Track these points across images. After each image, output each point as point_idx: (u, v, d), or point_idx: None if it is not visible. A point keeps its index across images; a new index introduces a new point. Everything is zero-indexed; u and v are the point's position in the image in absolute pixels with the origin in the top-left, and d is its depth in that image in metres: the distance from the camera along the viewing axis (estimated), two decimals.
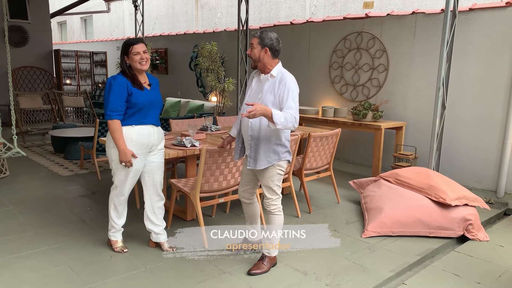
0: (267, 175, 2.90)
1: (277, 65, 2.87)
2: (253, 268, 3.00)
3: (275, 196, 2.95)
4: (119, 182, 3.11)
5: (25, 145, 7.35)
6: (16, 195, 4.57)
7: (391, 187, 4.12)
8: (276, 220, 2.98)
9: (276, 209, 2.97)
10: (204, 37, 8.81)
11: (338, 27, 6.39)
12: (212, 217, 4.07)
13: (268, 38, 2.79)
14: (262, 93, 2.84)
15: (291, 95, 2.74)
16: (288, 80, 2.79)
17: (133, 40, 3.00)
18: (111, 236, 3.29)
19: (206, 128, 4.60)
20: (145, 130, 3.03)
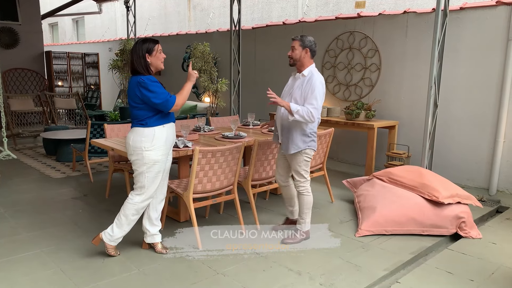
0: (295, 161, 3.34)
1: (310, 66, 3.31)
2: (287, 238, 3.48)
3: (303, 179, 3.38)
4: (150, 185, 3.03)
5: (16, 147, 7.27)
6: (7, 198, 4.52)
7: (384, 186, 4.13)
8: (305, 199, 3.42)
9: (305, 190, 3.40)
10: (196, 38, 8.79)
11: (331, 27, 6.40)
12: (206, 218, 4.05)
13: (308, 41, 3.28)
14: (293, 88, 3.34)
15: (314, 94, 3.15)
16: (314, 80, 3.20)
17: (154, 40, 3.01)
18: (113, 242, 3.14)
19: (199, 129, 4.58)
20: (171, 129, 3.10)
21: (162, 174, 3.11)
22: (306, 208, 3.45)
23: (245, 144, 3.63)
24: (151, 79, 2.91)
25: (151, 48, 2.95)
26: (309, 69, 3.29)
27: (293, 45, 3.30)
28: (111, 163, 4.46)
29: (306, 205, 3.44)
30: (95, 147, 5.29)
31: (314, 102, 3.14)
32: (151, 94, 2.86)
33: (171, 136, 3.09)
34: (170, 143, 3.11)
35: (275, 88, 6.48)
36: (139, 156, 2.98)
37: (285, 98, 3.39)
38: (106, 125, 4.56)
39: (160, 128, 2.98)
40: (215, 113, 7.06)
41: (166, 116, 3.03)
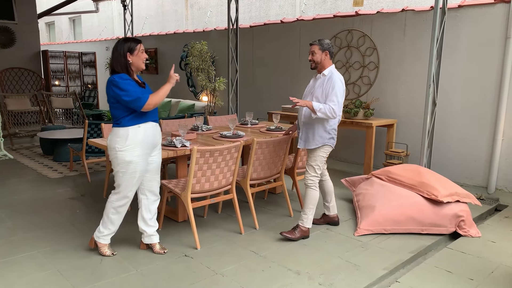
0: (312, 155, 3.51)
1: (330, 66, 3.49)
2: (287, 232, 3.54)
3: (313, 173, 3.52)
4: (125, 186, 3.02)
5: (13, 147, 7.23)
6: (4, 199, 4.49)
7: (383, 184, 4.12)
8: (310, 194, 3.52)
9: (312, 184, 3.52)
10: (194, 37, 8.75)
11: (328, 25, 6.38)
12: (204, 218, 4.03)
13: (326, 43, 3.46)
14: (314, 88, 3.52)
15: (334, 91, 3.33)
16: (334, 78, 3.38)
17: (137, 39, 2.97)
18: (102, 239, 3.18)
19: (197, 128, 4.56)
20: (150, 129, 3.01)
21: (139, 175, 3.03)
22: (310, 203, 3.53)
23: (243, 143, 3.61)
24: (122, 77, 2.86)
25: (133, 47, 2.91)
26: (329, 69, 3.47)
27: (313, 49, 3.47)
28: (108, 162, 4.43)
29: (311, 200, 3.52)
30: (92, 146, 5.26)
31: (335, 98, 3.32)
32: (122, 92, 2.82)
33: (150, 136, 3.01)
34: (150, 143, 3.02)
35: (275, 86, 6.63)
36: (113, 156, 2.97)
37: (307, 97, 3.57)
38: (104, 124, 4.53)
39: (134, 128, 2.92)
40: (213, 112, 7.04)
41: (142, 115, 2.95)
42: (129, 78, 2.90)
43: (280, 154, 3.96)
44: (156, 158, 3.16)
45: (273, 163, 3.93)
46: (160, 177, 4.78)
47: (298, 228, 3.53)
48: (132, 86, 2.86)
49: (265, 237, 3.60)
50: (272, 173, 3.98)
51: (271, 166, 3.92)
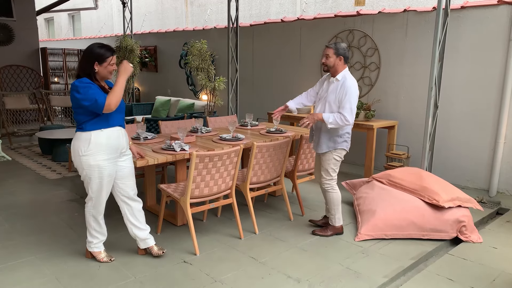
0: (325, 158, 3.57)
1: (344, 70, 3.47)
2: (319, 230, 3.74)
3: (329, 177, 3.60)
4: (95, 191, 3.00)
5: (11, 146, 7.21)
6: (2, 201, 4.46)
7: (384, 188, 4.08)
8: (331, 196, 3.63)
9: (330, 187, 3.62)
10: (193, 35, 8.69)
11: (329, 25, 6.32)
12: (203, 222, 4.00)
13: (341, 48, 3.43)
14: (327, 93, 3.51)
15: (348, 97, 3.36)
16: (348, 84, 3.39)
17: (111, 49, 2.88)
18: (94, 248, 3.18)
19: (196, 130, 4.52)
20: (114, 133, 2.94)
21: (107, 180, 2.97)
22: (334, 204, 3.64)
23: (242, 147, 3.57)
24: (82, 81, 2.79)
25: (103, 57, 2.83)
26: (343, 73, 3.46)
27: (327, 53, 3.45)
28: None
29: (333, 202, 3.63)
30: None
31: (348, 105, 3.35)
32: (80, 96, 2.76)
33: (114, 141, 2.93)
34: (114, 147, 2.94)
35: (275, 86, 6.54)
36: (77, 162, 2.93)
37: (320, 101, 3.59)
38: None
39: (97, 132, 2.86)
40: (212, 111, 6.99)
41: (105, 120, 2.87)
42: (90, 82, 2.81)
43: (281, 158, 3.92)
44: (126, 163, 3.09)
45: (273, 166, 3.89)
46: (159, 180, 4.80)
47: (330, 226, 3.73)
48: (92, 89, 2.77)
49: (264, 242, 3.57)
50: (272, 176, 3.95)
51: (271, 169, 3.89)
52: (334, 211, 3.66)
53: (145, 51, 9.98)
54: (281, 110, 3.91)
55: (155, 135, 4.23)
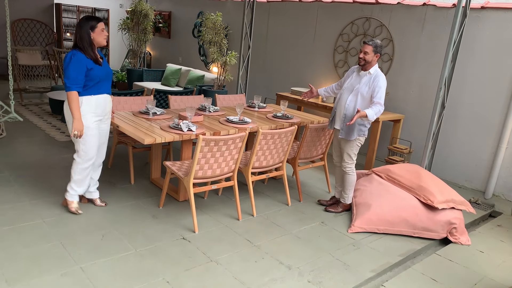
0: (349, 145, 3.92)
1: (376, 65, 3.83)
2: (330, 207, 4.18)
3: (351, 161, 3.98)
4: (86, 149, 3.40)
5: (22, 103, 7.32)
6: (12, 160, 4.61)
7: (382, 183, 4.19)
8: (350, 178, 4.04)
9: (350, 170, 4.00)
10: (209, 4, 8.60)
11: (347, 10, 6.24)
12: (205, 199, 4.14)
13: (380, 47, 3.76)
14: (359, 84, 3.83)
15: (382, 89, 3.73)
16: (380, 78, 3.76)
17: (99, 18, 3.34)
18: (69, 196, 3.56)
19: (204, 109, 4.59)
20: (102, 99, 3.39)
21: (95, 138, 3.41)
22: (350, 185, 4.07)
23: (248, 132, 3.66)
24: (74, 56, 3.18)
25: (93, 25, 3.26)
26: (375, 68, 3.81)
27: (366, 50, 3.74)
28: (115, 134, 4.51)
29: (351, 183, 4.06)
30: None
31: (383, 95, 3.72)
32: (65, 71, 3.20)
33: (101, 106, 3.39)
34: (101, 112, 3.40)
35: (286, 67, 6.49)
36: (69, 121, 3.31)
37: (348, 91, 3.89)
38: (112, 97, 4.55)
39: (88, 97, 3.29)
40: (222, 86, 7.03)
41: (96, 87, 3.32)
42: (80, 59, 3.21)
43: (284, 145, 4.01)
44: (105, 126, 3.56)
45: (276, 153, 3.99)
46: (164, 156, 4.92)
47: (341, 204, 4.16)
48: (76, 70, 3.18)
49: (261, 225, 3.72)
50: (274, 162, 4.05)
51: (274, 155, 3.99)
52: (348, 191, 4.08)
53: (159, 16, 9.90)
54: (309, 94, 4.39)
55: (164, 111, 4.31)
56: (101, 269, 2.83)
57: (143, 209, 3.79)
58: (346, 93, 3.89)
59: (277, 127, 4.27)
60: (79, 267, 2.83)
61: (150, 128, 3.72)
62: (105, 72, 3.39)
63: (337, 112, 3.95)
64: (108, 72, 3.44)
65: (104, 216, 3.58)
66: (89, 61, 3.25)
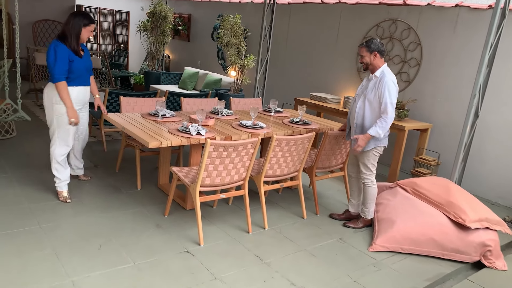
0: (366, 155, 3.56)
1: (383, 66, 3.44)
2: (350, 222, 3.81)
3: (369, 172, 3.62)
4: (63, 135, 3.52)
5: (38, 103, 7.24)
6: (18, 160, 4.45)
7: (407, 197, 3.83)
8: (369, 191, 3.66)
9: (369, 182, 3.63)
10: (229, 7, 8.40)
11: (372, 12, 5.92)
12: (214, 208, 3.87)
13: (374, 44, 3.41)
14: (366, 90, 3.49)
15: (387, 93, 3.32)
16: (386, 79, 3.35)
17: (92, 19, 3.53)
18: (57, 187, 3.64)
19: (217, 112, 4.33)
20: (82, 90, 3.60)
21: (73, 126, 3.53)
22: (370, 199, 3.69)
23: (260, 139, 3.37)
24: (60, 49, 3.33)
25: (87, 23, 3.46)
26: (381, 69, 3.45)
27: (361, 53, 3.48)
28: (123, 137, 4.30)
29: (371, 196, 3.68)
30: None
31: (388, 99, 3.32)
32: (50, 61, 3.34)
33: (81, 96, 3.59)
34: (80, 102, 3.59)
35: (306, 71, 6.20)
36: (49, 108, 3.48)
37: (358, 98, 3.60)
38: (122, 97, 4.37)
39: (70, 88, 3.44)
40: (239, 90, 6.78)
41: (77, 79, 3.50)
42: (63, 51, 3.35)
43: (300, 152, 3.70)
44: (84, 114, 3.76)
45: (292, 161, 3.69)
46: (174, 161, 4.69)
47: (361, 218, 3.78)
48: (61, 61, 3.34)
49: (273, 239, 3.42)
50: (289, 171, 3.75)
51: (289, 164, 3.68)
52: (369, 205, 3.70)
53: (179, 19, 9.77)
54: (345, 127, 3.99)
55: (174, 113, 4.07)
56: (94, 283, 2.58)
57: (147, 217, 3.54)
58: (356, 100, 3.61)
59: (294, 133, 3.97)
60: (70, 280, 2.58)
61: (157, 131, 3.48)
62: (85, 65, 3.55)
63: (350, 121, 3.70)
64: (88, 65, 3.61)
65: (104, 223, 3.35)
66: (70, 52, 3.40)
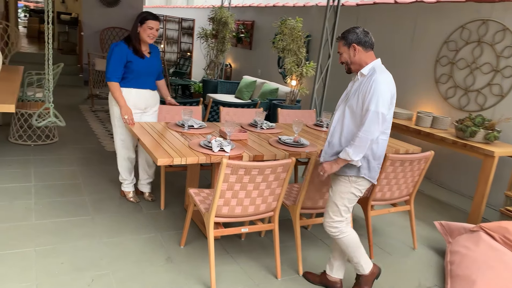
0: (337, 189, 2.48)
1: (373, 62, 2.42)
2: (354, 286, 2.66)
3: (338, 218, 2.49)
4: (123, 138, 3.48)
5: (93, 108, 7.17)
6: (46, 169, 4.17)
7: (495, 248, 2.86)
8: (343, 242, 2.51)
9: (337, 232, 2.50)
10: (293, 11, 7.77)
11: (456, 11, 4.92)
12: (242, 241, 3.21)
13: (351, 33, 2.42)
14: (349, 95, 2.47)
15: (374, 99, 2.26)
16: (375, 77, 2.31)
17: (151, 16, 3.29)
18: (124, 187, 3.65)
19: (255, 124, 3.70)
20: (141, 93, 3.42)
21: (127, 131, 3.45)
22: (350, 250, 2.54)
23: (304, 156, 2.65)
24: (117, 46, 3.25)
25: (143, 20, 3.27)
26: (371, 65, 2.41)
27: (338, 50, 2.53)
28: None
29: (349, 247, 2.52)
30: None
31: (373, 106, 2.26)
32: (107, 60, 3.31)
33: (141, 100, 3.42)
34: (140, 106, 3.43)
35: None
36: (110, 109, 3.46)
37: (339, 107, 2.53)
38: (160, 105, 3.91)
39: (127, 89, 3.35)
40: (295, 100, 6.09)
41: (136, 81, 3.35)
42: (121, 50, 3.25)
43: None
44: (150, 118, 3.56)
45: None
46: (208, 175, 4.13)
47: (361, 279, 2.60)
48: (115, 61, 3.25)
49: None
50: None
51: None
52: (357, 258, 2.55)
53: (242, 26, 9.36)
54: None
55: (204, 124, 3.51)
56: None
57: (160, 246, 2.98)
58: (335, 112, 2.56)
59: None
60: None
61: (176, 145, 2.92)
62: (146, 67, 3.36)
63: None
64: (150, 67, 3.40)
65: (108, 250, 2.85)
66: (130, 53, 3.27)
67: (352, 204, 2.50)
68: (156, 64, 3.48)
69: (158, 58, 3.56)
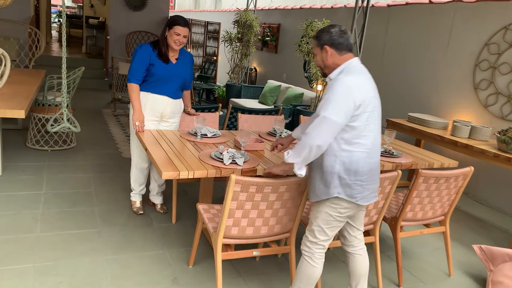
0: (315, 209, 2.22)
1: (345, 63, 2.09)
2: None
3: (312, 238, 2.23)
4: (138, 145, 3.30)
5: (115, 113, 7.10)
6: (59, 176, 4.04)
7: None
8: (302, 267, 2.26)
9: (308, 254, 2.24)
10: (320, 13, 7.47)
11: (499, 10, 4.50)
12: (257, 261, 2.94)
13: (325, 33, 2.12)
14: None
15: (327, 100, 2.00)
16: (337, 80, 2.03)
17: (180, 21, 3.09)
18: (131, 197, 3.53)
19: (274, 133, 3.43)
20: (159, 100, 3.23)
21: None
22: (300, 282, 2.27)
23: None
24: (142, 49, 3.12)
25: (170, 25, 3.09)
26: (341, 67, 2.10)
27: (313, 51, 2.29)
28: None
29: (303, 278, 2.25)
30: None
31: (323, 109, 2.00)
32: (131, 61, 3.18)
33: (158, 107, 3.24)
34: (156, 113, 3.26)
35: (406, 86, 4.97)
36: (130, 112, 3.30)
37: None
38: None
39: (145, 93, 3.21)
40: None
41: (155, 86, 3.19)
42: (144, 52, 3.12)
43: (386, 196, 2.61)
44: (171, 127, 3.39)
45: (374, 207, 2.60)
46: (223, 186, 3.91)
47: None
48: (137, 62, 3.12)
49: None
50: None
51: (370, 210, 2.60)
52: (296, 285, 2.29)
53: (268, 29, 9.12)
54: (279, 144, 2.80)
55: (219, 133, 3.27)
56: None
57: (166, 264, 2.76)
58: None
59: None
60: None
61: (186, 156, 2.69)
62: (168, 72, 3.19)
63: None
64: (174, 74, 3.21)
65: (110, 268, 2.65)
66: (154, 55, 3.14)
67: (329, 226, 2.17)
68: (182, 71, 3.26)
69: (188, 66, 3.33)
